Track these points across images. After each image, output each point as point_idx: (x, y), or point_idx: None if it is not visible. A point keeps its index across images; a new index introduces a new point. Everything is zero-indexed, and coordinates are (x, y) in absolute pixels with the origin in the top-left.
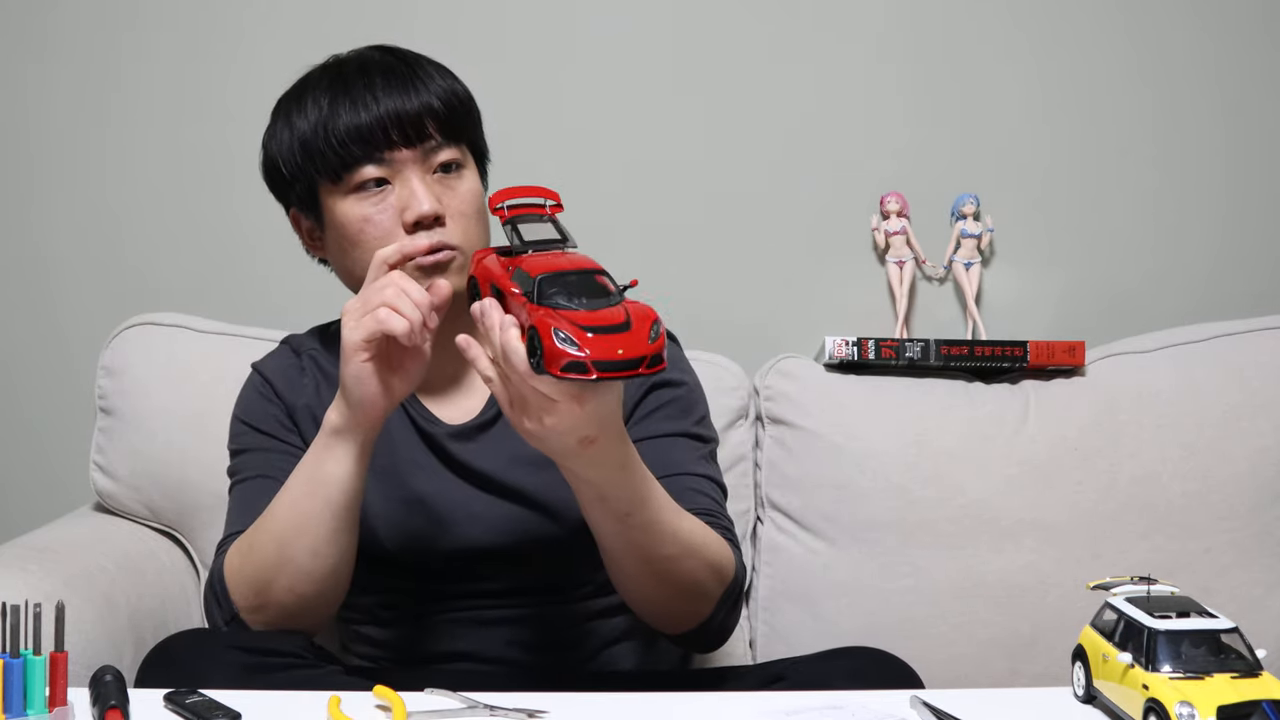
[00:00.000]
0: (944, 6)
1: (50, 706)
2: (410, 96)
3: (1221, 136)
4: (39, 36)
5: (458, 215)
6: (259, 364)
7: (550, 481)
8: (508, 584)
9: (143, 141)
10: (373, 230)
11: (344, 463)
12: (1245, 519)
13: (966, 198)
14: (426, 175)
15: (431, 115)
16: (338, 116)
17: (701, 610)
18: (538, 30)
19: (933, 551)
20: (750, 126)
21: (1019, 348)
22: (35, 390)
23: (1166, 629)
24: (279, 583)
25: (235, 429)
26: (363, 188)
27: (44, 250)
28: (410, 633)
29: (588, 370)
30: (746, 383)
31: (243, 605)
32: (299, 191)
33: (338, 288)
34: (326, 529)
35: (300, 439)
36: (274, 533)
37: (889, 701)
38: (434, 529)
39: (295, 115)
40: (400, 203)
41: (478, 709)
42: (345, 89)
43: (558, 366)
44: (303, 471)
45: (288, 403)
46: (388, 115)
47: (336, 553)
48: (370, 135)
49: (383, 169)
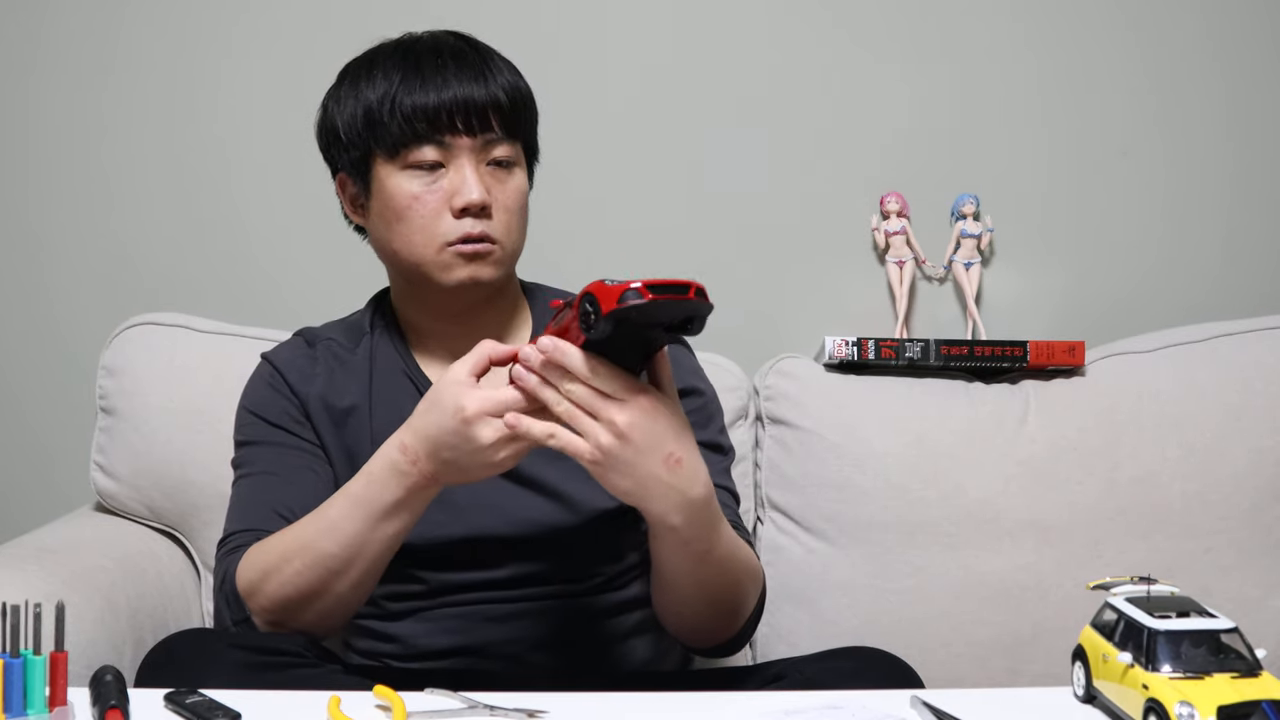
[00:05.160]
0: (944, 6)
1: (50, 706)
2: (479, 85)
3: (1222, 136)
4: (38, 37)
5: (503, 210)
6: (270, 354)
7: (569, 472)
8: (517, 575)
9: (143, 141)
10: (420, 209)
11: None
12: (1245, 519)
13: (966, 198)
14: (480, 165)
15: (496, 108)
16: (406, 93)
17: (735, 625)
18: (537, 29)
19: (933, 551)
20: (750, 126)
21: (1019, 348)
22: (35, 390)
23: (1166, 629)
24: (313, 606)
25: (243, 419)
26: (417, 166)
27: (44, 250)
28: (416, 626)
29: (642, 294)
30: (746, 383)
31: (264, 619)
32: (352, 158)
33: (338, 288)
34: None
35: (314, 432)
36: (314, 561)
37: (889, 701)
38: (449, 518)
39: (363, 84)
40: (451, 187)
41: (478, 709)
42: (417, 67)
43: (614, 300)
44: (362, 513)
45: (300, 395)
46: (455, 101)
47: (375, 580)
48: (435, 118)
49: (440, 152)
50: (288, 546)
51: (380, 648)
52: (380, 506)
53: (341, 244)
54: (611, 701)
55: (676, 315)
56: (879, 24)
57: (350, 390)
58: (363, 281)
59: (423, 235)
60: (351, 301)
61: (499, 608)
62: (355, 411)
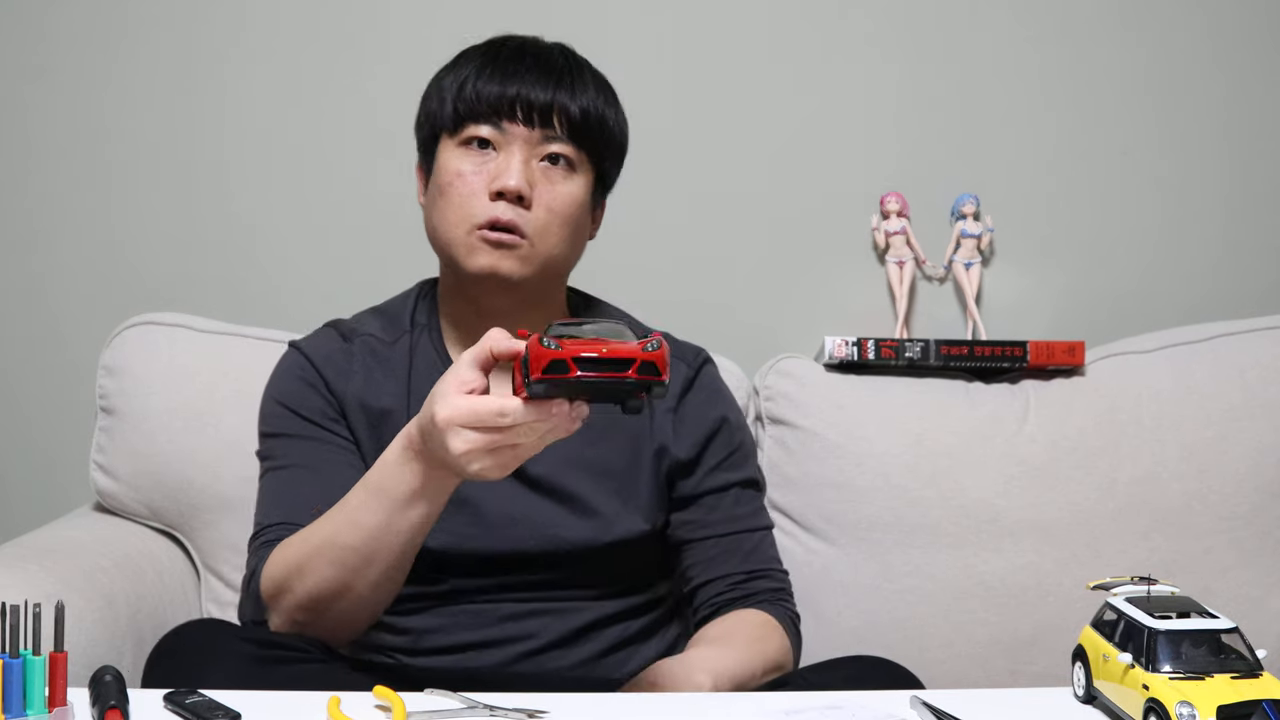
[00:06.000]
0: (944, 6)
1: (50, 706)
2: (550, 89)
3: (1222, 136)
4: (38, 37)
5: (543, 208)
6: (302, 344)
7: (604, 489)
8: (537, 581)
9: (143, 141)
10: (461, 186)
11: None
12: (1245, 519)
13: (966, 198)
14: (533, 159)
15: (563, 113)
16: (478, 79)
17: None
18: (536, 30)
19: (933, 551)
20: (750, 126)
21: (1019, 348)
22: (35, 390)
23: (1166, 629)
24: (336, 607)
25: (270, 410)
26: (469, 143)
27: (44, 250)
28: (429, 620)
29: (568, 368)
30: (746, 383)
31: (286, 619)
32: (423, 137)
33: (338, 289)
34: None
35: (348, 430)
36: (337, 558)
37: (889, 701)
38: (477, 530)
39: (450, 72)
40: (496, 170)
41: (478, 709)
42: (496, 60)
43: (540, 369)
44: (380, 504)
45: (337, 392)
46: (519, 93)
47: (398, 584)
48: (495, 102)
49: (495, 134)
50: (309, 543)
51: (391, 640)
52: (397, 495)
53: (342, 244)
54: (611, 701)
55: (616, 391)
56: (879, 24)
57: (387, 390)
58: (363, 281)
59: (457, 214)
60: (351, 302)
61: (514, 607)
62: (392, 414)
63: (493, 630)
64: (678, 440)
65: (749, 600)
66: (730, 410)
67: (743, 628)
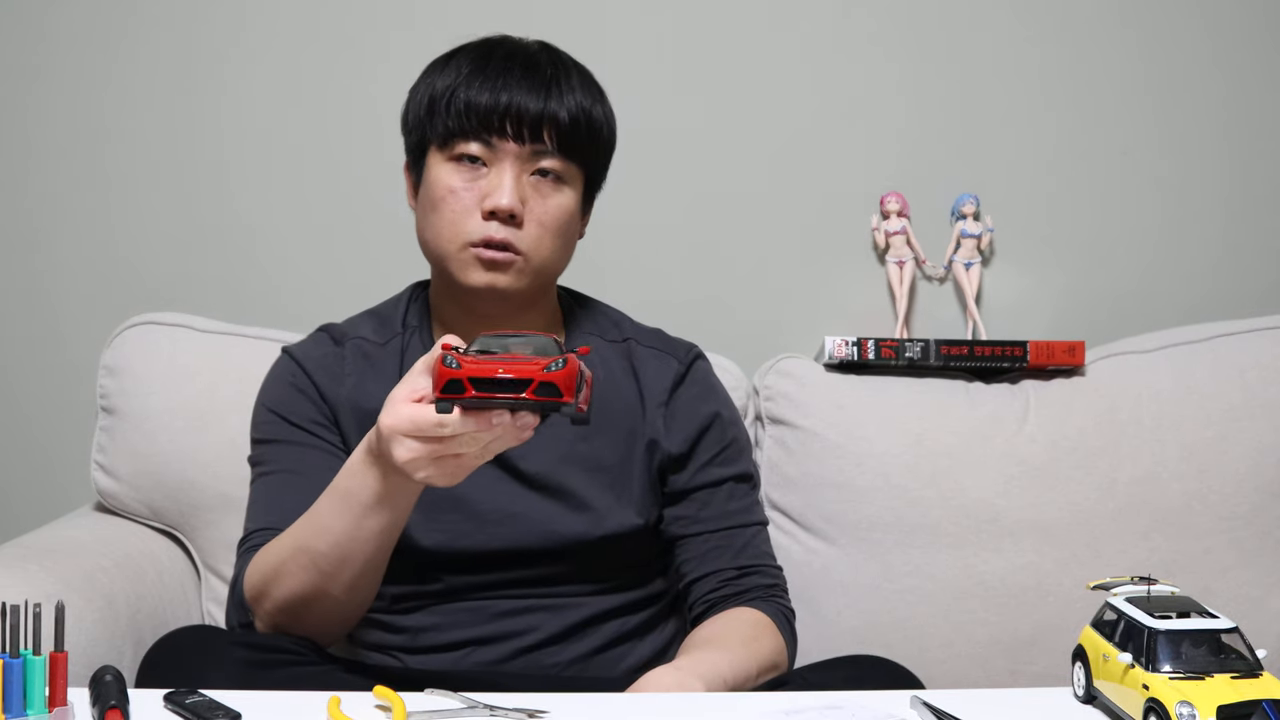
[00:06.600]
0: (944, 6)
1: (50, 706)
2: (539, 99)
3: (1222, 136)
4: (39, 37)
5: (535, 223)
6: (294, 350)
7: (597, 484)
8: (533, 577)
9: (143, 141)
10: (453, 203)
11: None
12: (1245, 519)
13: (966, 198)
14: (523, 174)
15: (553, 124)
16: (466, 88)
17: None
18: (537, 30)
19: (933, 551)
20: (750, 126)
21: (1019, 348)
22: (35, 390)
23: (1166, 629)
24: (312, 611)
25: (261, 417)
26: (460, 159)
27: (44, 250)
28: (425, 618)
29: (463, 388)
30: (746, 383)
31: (269, 623)
32: (412, 142)
33: (338, 289)
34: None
35: (340, 437)
36: (309, 563)
37: (889, 701)
38: (471, 528)
39: (438, 74)
40: (487, 188)
41: (478, 709)
42: (485, 66)
43: (438, 388)
44: (347, 507)
45: (329, 397)
46: (508, 107)
47: (374, 585)
48: (485, 118)
49: (485, 151)
50: (285, 548)
51: (389, 639)
52: (362, 499)
53: (342, 244)
54: (611, 701)
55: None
56: (880, 24)
57: (379, 393)
58: (362, 281)
59: (450, 230)
60: (351, 302)
61: (510, 603)
62: None
63: (489, 627)
64: (669, 435)
65: (742, 598)
66: (723, 405)
67: (735, 628)
